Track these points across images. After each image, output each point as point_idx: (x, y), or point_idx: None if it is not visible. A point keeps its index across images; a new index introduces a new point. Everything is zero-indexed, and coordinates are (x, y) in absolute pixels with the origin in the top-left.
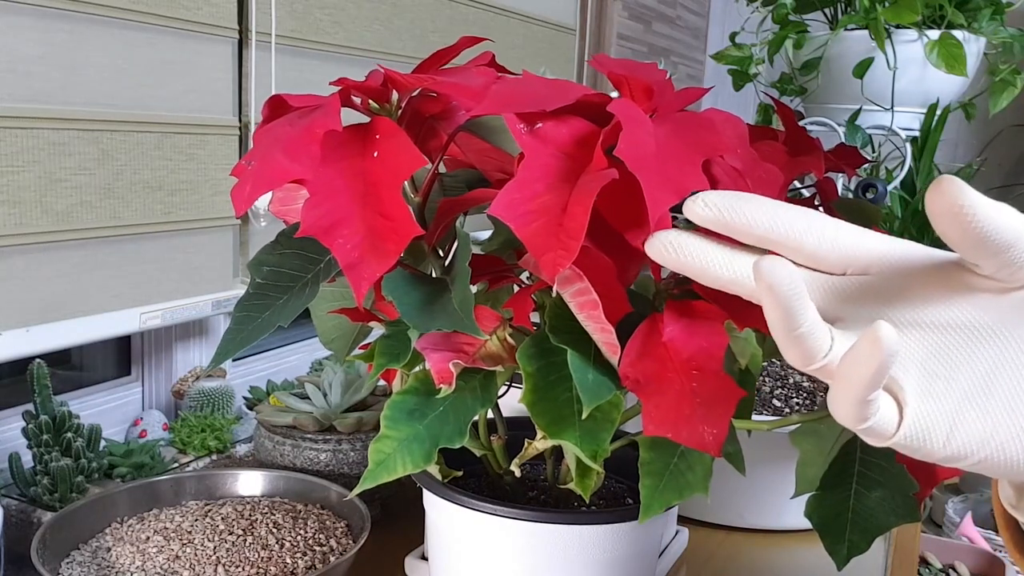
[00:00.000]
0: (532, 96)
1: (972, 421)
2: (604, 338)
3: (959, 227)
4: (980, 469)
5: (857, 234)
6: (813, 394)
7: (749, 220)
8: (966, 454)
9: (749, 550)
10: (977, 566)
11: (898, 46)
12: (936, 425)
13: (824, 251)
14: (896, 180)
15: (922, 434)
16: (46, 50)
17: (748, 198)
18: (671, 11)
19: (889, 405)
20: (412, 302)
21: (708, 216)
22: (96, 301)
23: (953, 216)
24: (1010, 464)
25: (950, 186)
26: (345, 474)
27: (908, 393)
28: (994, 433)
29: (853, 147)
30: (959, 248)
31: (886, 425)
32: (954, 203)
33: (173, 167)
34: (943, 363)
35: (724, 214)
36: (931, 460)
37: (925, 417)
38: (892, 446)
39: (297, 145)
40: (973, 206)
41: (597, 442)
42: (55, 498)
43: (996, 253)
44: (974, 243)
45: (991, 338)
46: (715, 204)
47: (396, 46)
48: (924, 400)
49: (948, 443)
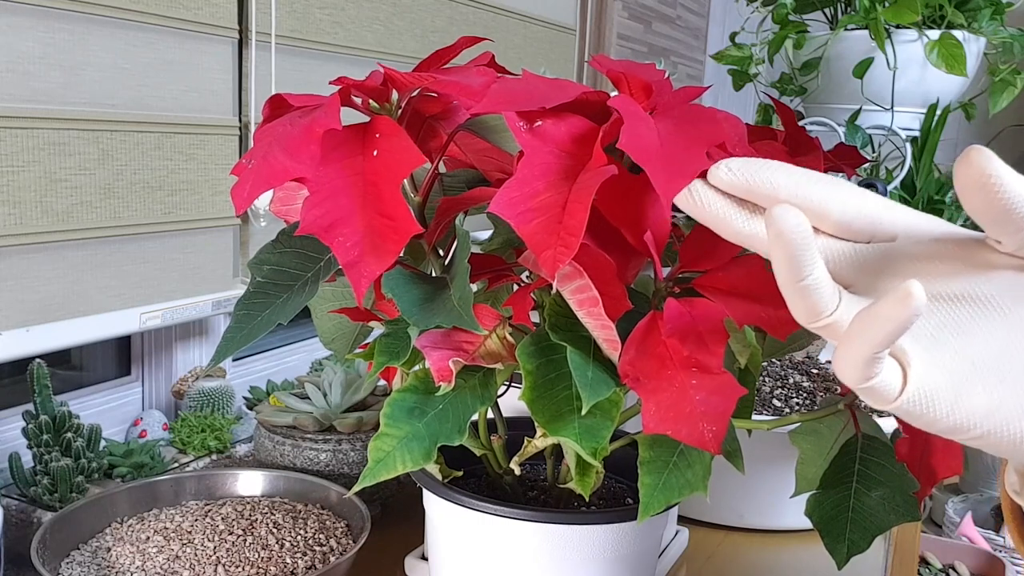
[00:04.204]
0: (532, 94)
1: (978, 394)
2: (604, 335)
3: (985, 197)
4: (981, 444)
5: (882, 205)
6: (813, 394)
7: (774, 185)
8: (969, 426)
9: (749, 550)
10: (977, 566)
11: (898, 46)
12: (941, 394)
13: (848, 219)
14: (896, 180)
15: (926, 401)
16: (47, 50)
17: (773, 164)
18: (671, 11)
19: (893, 368)
20: (412, 300)
21: (733, 181)
22: (96, 301)
23: (980, 186)
24: (1012, 440)
25: (978, 156)
26: (345, 474)
27: (914, 359)
28: (999, 407)
29: (853, 147)
30: (983, 219)
31: (888, 388)
32: (982, 172)
33: (173, 167)
34: (953, 334)
35: (748, 179)
36: (933, 430)
37: (930, 384)
38: (894, 411)
39: (297, 144)
40: (1000, 176)
41: (597, 439)
42: (55, 498)
43: (1020, 228)
44: (999, 215)
45: (1005, 314)
46: (739, 169)
47: (396, 46)
48: (930, 368)
49: (951, 413)
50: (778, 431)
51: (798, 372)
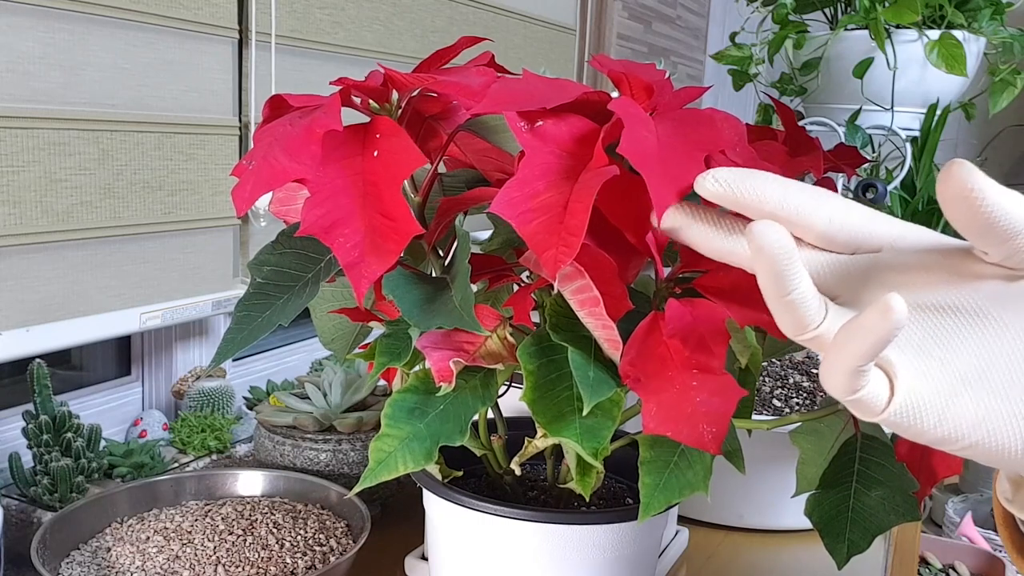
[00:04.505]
0: (532, 94)
1: (965, 404)
2: (606, 335)
3: (968, 211)
4: (970, 454)
5: (868, 216)
6: (813, 394)
7: (760, 196)
8: (957, 437)
9: (749, 550)
10: (977, 566)
11: (898, 46)
12: (928, 405)
13: (834, 231)
14: (896, 180)
15: (913, 412)
16: (47, 50)
17: (759, 175)
18: (671, 11)
19: (880, 380)
20: (412, 300)
21: (718, 192)
22: (96, 301)
23: (963, 199)
24: (1001, 450)
25: (960, 169)
26: (345, 474)
27: (901, 370)
28: (986, 418)
29: (853, 147)
30: (967, 233)
31: (875, 399)
32: (964, 186)
33: (173, 167)
34: (940, 345)
35: (734, 190)
36: (922, 440)
37: (918, 396)
38: (882, 422)
39: (297, 145)
40: (983, 190)
41: (598, 439)
42: (55, 498)
43: (1004, 240)
44: (982, 228)
45: (992, 324)
46: (725, 180)
47: (396, 46)
48: (918, 379)
49: (940, 424)
50: (778, 431)
51: (798, 372)
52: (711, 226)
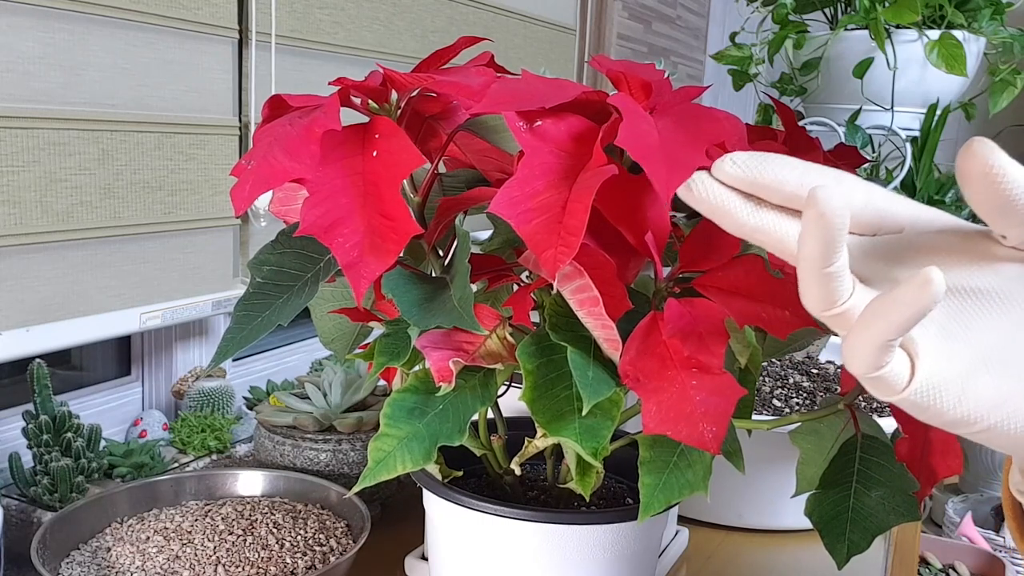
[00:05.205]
0: (531, 94)
1: (985, 386)
2: (605, 334)
3: (988, 188)
4: (986, 438)
5: (889, 198)
6: (813, 394)
7: (780, 178)
8: (975, 419)
9: (749, 550)
10: (977, 566)
11: (898, 46)
12: (948, 385)
13: (856, 211)
14: (896, 180)
15: (933, 392)
16: (47, 50)
17: (778, 157)
18: (671, 11)
19: (902, 359)
20: (412, 300)
21: (737, 174)
22: (96, 301)
23: (983, 176)
24: (1018, 434)
25: (981, 147)
26: (345, 474)
27: (923, 350)
28: (1006, 400)
29: (853, 147)
30: (986, 212)
31: (897, 377)
32: (985, 163)
33: (173, 167)
34: (962, 326)
35: (754, 171)
36: (938, 422)
37: (938, 376)
38: (901, 402)
39: (297, 144)
40: (1003, 167)
41: (597, 439)
42: (55, 498)
43: (1023, 221)
44: (1002, 206)
45: (1012, 307)
46: (744, 162)
47: (396, 46)
48: (939, 359)
49: (958, 405)
50: (778, 431)
51: (798, 372)
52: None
